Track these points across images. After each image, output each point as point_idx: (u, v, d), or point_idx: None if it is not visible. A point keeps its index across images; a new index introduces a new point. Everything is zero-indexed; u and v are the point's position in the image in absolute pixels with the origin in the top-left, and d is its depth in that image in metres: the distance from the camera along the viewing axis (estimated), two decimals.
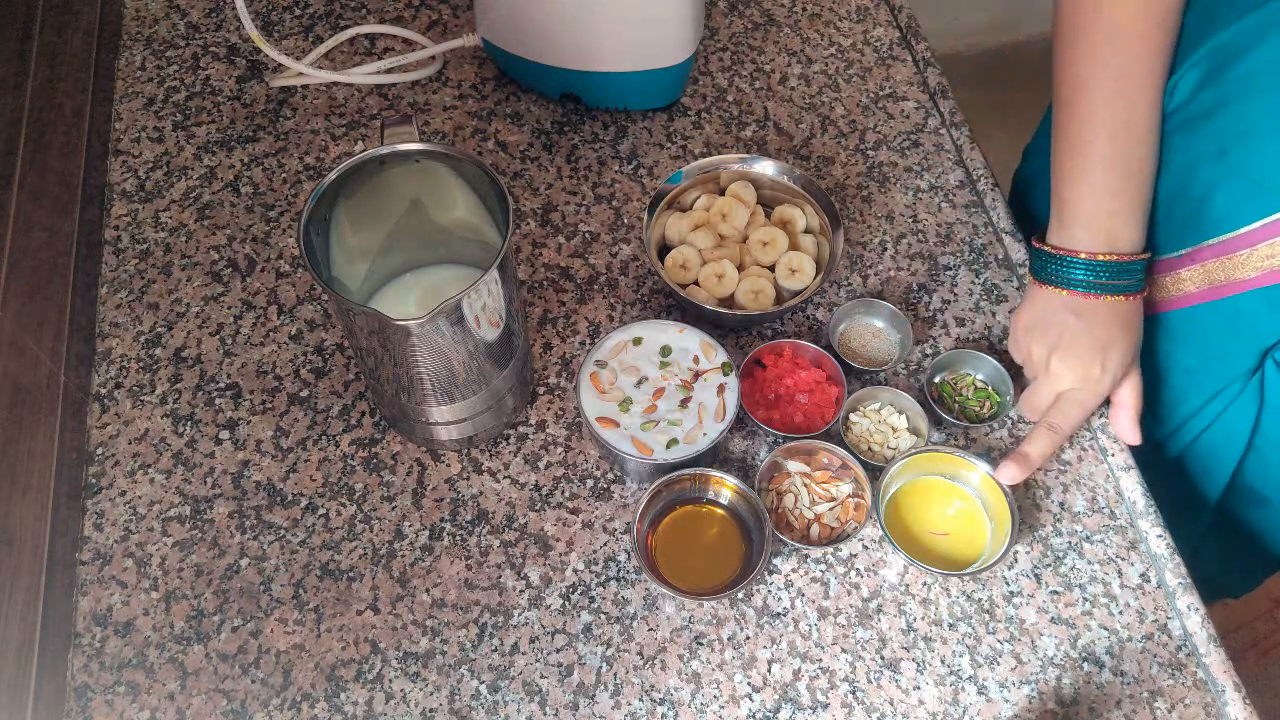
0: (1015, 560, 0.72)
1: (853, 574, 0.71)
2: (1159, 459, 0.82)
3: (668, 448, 0.70)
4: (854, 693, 0.67)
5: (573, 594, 0.70)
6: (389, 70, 0.93)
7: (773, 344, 0.76)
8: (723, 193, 0.83)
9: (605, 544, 0.72)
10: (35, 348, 0.76)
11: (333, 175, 0.62)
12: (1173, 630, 0.69)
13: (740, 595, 0.70)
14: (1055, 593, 0.70)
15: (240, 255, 0.84)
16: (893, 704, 0.66)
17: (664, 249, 0.82)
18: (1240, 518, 0.85)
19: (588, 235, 0.86)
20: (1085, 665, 0.68)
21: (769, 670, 0.67)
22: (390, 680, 0.67)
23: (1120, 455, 0.75)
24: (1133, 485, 0.74)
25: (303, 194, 0.88)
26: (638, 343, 0.74)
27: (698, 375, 0.73)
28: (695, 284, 0.79)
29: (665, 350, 0.74)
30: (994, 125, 1.42)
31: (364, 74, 0.93)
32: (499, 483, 0.74)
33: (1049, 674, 0.68)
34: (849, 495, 0.71)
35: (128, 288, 0.82)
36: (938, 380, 0.78)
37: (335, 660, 0.67)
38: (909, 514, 0.72)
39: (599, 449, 0.75)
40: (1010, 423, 0.77)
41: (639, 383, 0.73)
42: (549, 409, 0.77)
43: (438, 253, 0.74)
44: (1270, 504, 0.82)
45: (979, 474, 0.72)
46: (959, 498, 0.73)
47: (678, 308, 0.82)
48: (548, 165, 0.90)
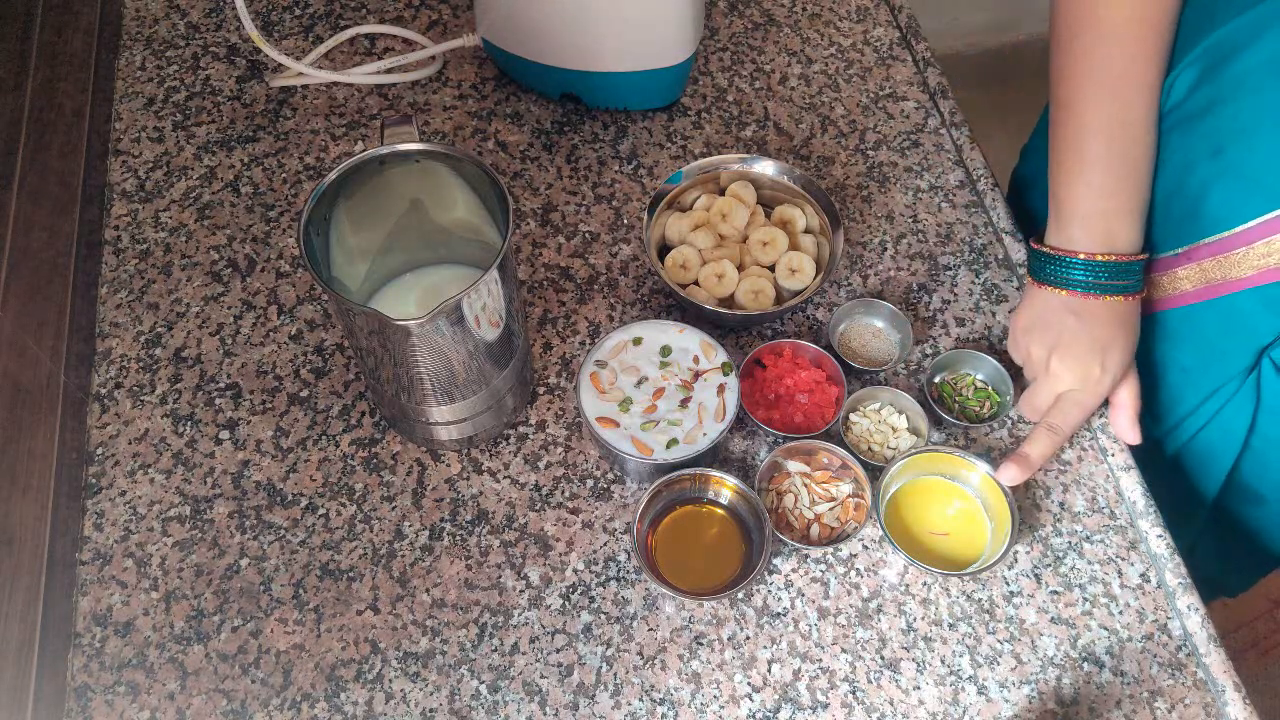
0: (1015, 560, 0.72)
1: (853, 574, 0.71)
2: (1156, 458, 0.82)
3: (668, 448, 0.70)
4: (854, 693, 0.67)
5: (573, 594, 0.70)
6: (389, 70, 0.93)
7: (773, 344, 0.76)
8: (723, 193, 0.83)
9: (605, 544, 0.72)
10: (35, 348, 0.76)
11: (333, 175, 0.62)
12: (1173, 630, 0.69)
13: (740, 595, 0.70)
14: (1055, 593, 0.70)
15: (240, 255, 0.84)
16: (893, 704, 0.66)
17: (664, 249, 0.82)
18: (1237, 516, 0.85)
19: (588, 235, 0.86)
20: (1085, 665, 0.68)
21: (769, 670, 0.67)
22: (390, 680, 0.67)
23: (1120, 455, 0.75)
24: (1133, 485, 0.74)
25: (303, 194, 0.88)
26: (638, 343, 0.74)
27: (698, 375, 0.73)
28: (695, 284, 0.79)
29: (665, 350, 0.74)
30: (994, 125, 1.42)
31: (364, 74, 0.93)
32: (499, 483, 0.74)
33: (1049, 674, 0.68)
34: (849, 495, 0.71)
35: (128, 288, 0.82)
36: (938, 380, 0.78)
37: (335, 660, 0.67)
38: (909, 514, 0.72)
39: (599, 449, 0.75)
40: (1010, 423, 0.77)
41: (639, 383, 0.73)
42: (549, 409, 0.77)
43: (438, 253, 0.74)
44: (1267, 502, 0.82)
45: (979, 474, 0.72)
46: (959, 498, 0.73)
47: (678, 308, 0.82)
48: (548, 165, 0.90)
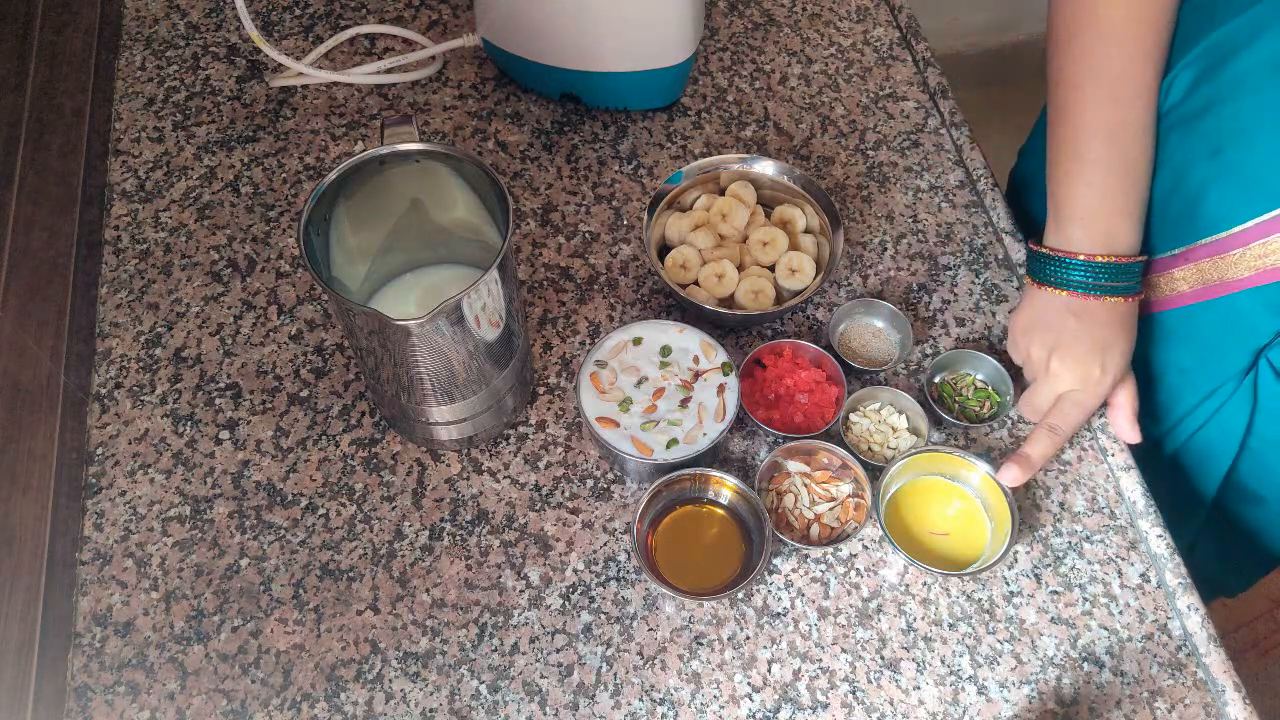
0: (1015, 560, 0.72)
1: (853, 574, 0.71)
2: (1154, 457, 0.82)
3: (668, 448, 0.70)
4: (854, 693, 0.67)
5: (573, 594, 0.70)
6: (389, 70, 0.93)
7: (773, 344, 0.76)
8: (723, 193, 0.83)
9: (605, 544, 0.72)
10: (35, 348, 0.76)
11: (333, 175, 0.62)
12: (1173, 630, 0.69)
13: (740, 595, 0.70)
14: (1055, 593, 0.70)
15: (240, 255, 0.84)
16: (893, 704, 0.66)
17: (664, 249, 0.82)
18: (1235, 516, 0.85)
19: (588, 235, 0.86)
20: (1085, 665, 0.68)
21: (769, 670, 0.67)
22: (390, 680, 0.67)
23: (1120, 455, 0.75)
24: (1133, 485, 0.74)
25: (303, 194, 0.88)
26: (638, 343, 0.74)
27: (698, 375, 0.73)
28: (695, 284, 0.79)
29: (665, 350, 0.74)
30: (994, 125, 1.42)
31: (364, 74, 0.93)
32: (499, 483, 0.74)
33: (1049, 674, 0.68)
34: (849, 495, 0.71)
35: (128, 288, 0.82)
36: (938, 380, 0.78)
37: (335, 660, 0.67)
38: (909, 514, 0.72)
39: (599, 449, 0.75)
40: (1010, 423, 0.77)
41: (639, 383, 0.73)
42: (549, 409, 0.77)
43: (438, 253, 0.74)
44: (1265, 502, 0.82)
45: (979, 474, 0.72)
46: (959, 498, 0.73)
47: (678, 308, 0.82)
48: (548, 165, 0.90)
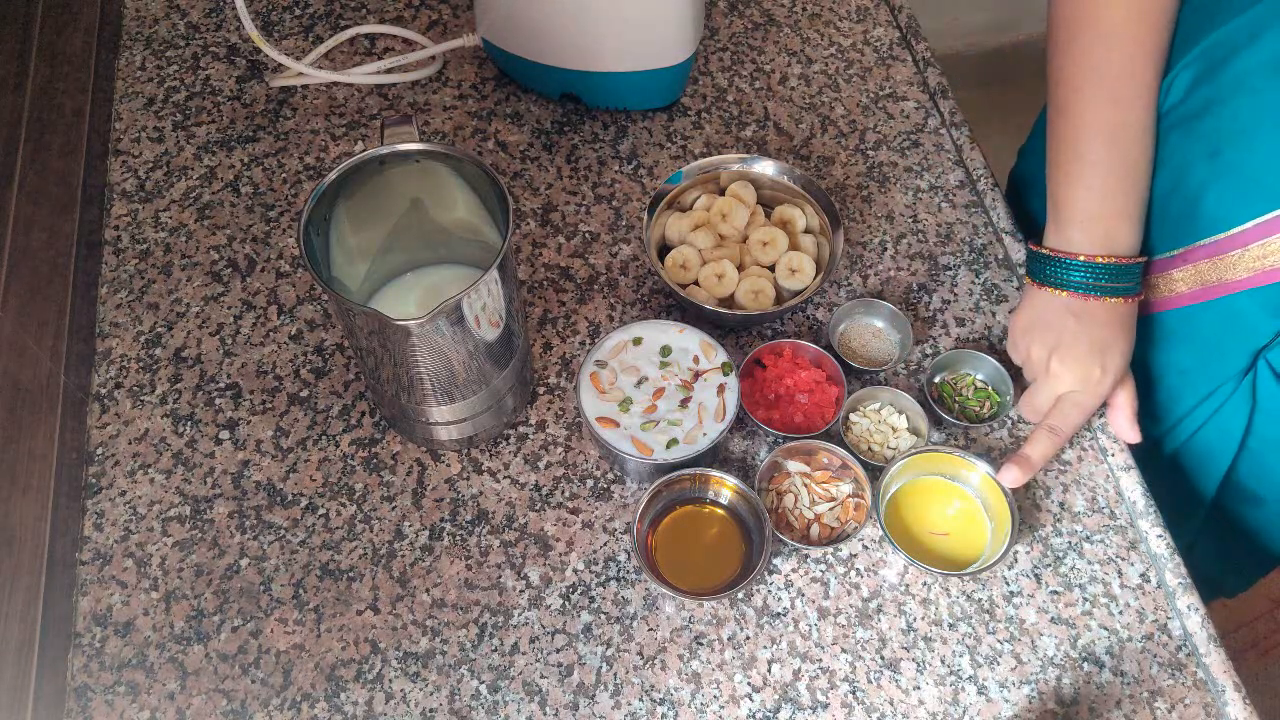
0: (1015, 560, 0.72)
1: (853, 574, 0.71)
2: (1153, 458, 0.82)
3: (668, 448, 0.70)
4: (854, 693, 0.67)
5: (573, 594, 0.70)
6: (389, 70, 0.93)
7: (773, 344, 0.76)
8: (723, 193, 0.83)
9: (605, 544, 0.72)
10: (35, 348, 0.76)
11: (333, 175, 0.62)
12: (1173, 630, 0.69)
13: (740, 595, 0.70)
14: (1055, 593, 0.70)
15: (240, 255, 0.84)
16: (893, 704, 0.66)
17: (664, 249, 0.82)
18: (1234, 516, 0.85)
19: (588, 235, 0.86)
20: (1085, 665, 0.68)
21: (769, 670, 0.67)
22: (390, 680, 0.67)
23: (1120, 455, 0.75)
24: (1133, 485, 0.74)
25: (303, 194, 0.88)
26: (638, 343, 0.74)
27: (698, 375, 0.73)
28: (695, 284, 0.79)
29: (665, 350, 0.74)
30: (994, 125, 1.42)
31: (364, 74, 0.93)
32: (499, 483, 0.74)
33: (1049, 674, 0.68)
34: (849, 495, 0.71)
35: (128, 288, 0.82)
36: (938, 380, 0.78)
37: (335, 660, 0.67)
38: (909, 514, 0.72)
39: (599, 449, 0.75)
40: (1010, 423, 0.77)
41: (639, 383, 0.73)
42: (549, 409, 0.77)
43: (438, 253, 0.74)
44: (1264, 503, 0.82)
45: (979, 474, 0.72)
46: (959, 498, 0.73)
47: (678, 308, 0.82)
48: (548, 165, 0.90)
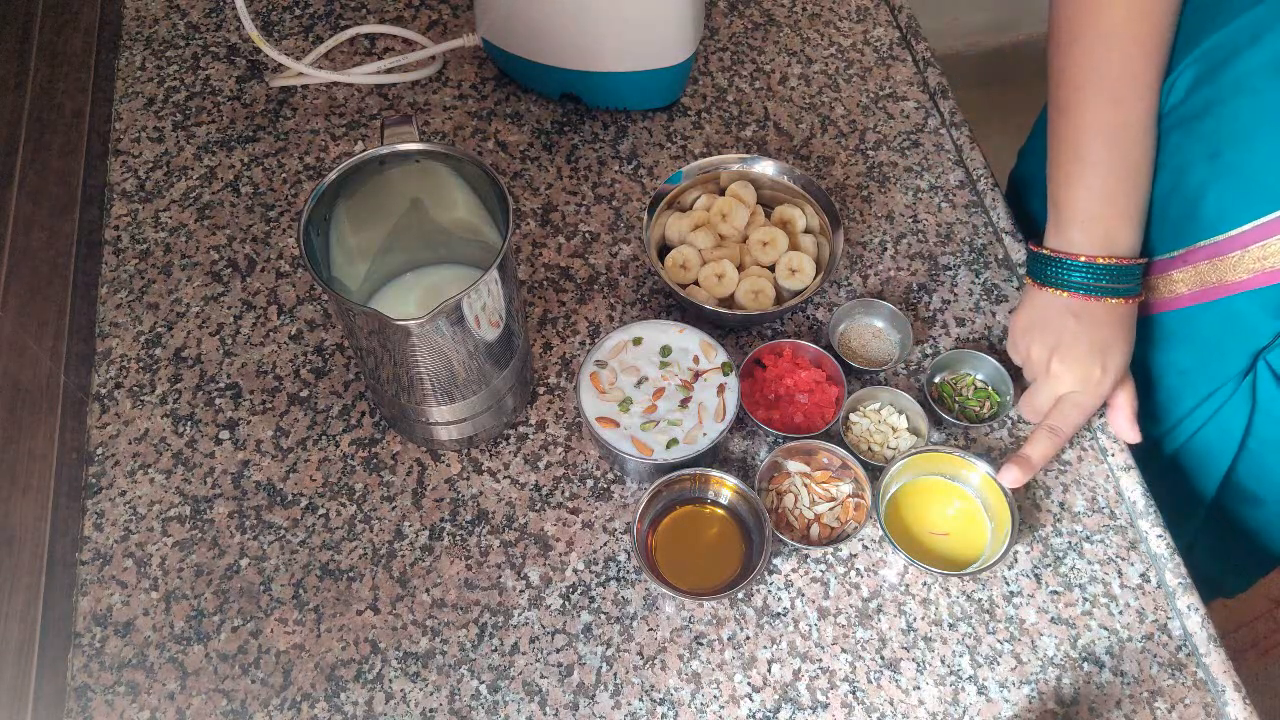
0: (1015, 560, 0.72)
1: (853, 574, 0.71)
2: (1153, 458, 0.83)
3: (668, 448, 0.70)
4: (854, 693, 0.67)
5: (573, 594, 0.70)
6: (389, 70, 0.93)
7: (773, 344, 0.76)
8: (723, 193, 0.83)
9: (605, 544, 0.72)
10: (35, 348, 0.76)
11: (333, 175, 0.62)
12: (1173, 630, 0.69)
13: (740, 595, 0.70)
14: (1055, 593, 0.70)
15: (240, 255, 0.84)
16: (893, 704, 0.66)
17: (664, 249, 0.82)
18: (1234, 517, 0.85)
19: (588, 235, 0.86)
20: (1085, 665, 0.68)
21: (769, 670, 0.67)
22: (390, 680, 0.67)
23: (1120, 455, 0.75)
24: (1133, 485, 0.74)
25: (303, 194, 0.88)
26: (638, 343, 0.74)
27: (698, 375, 0.73)
28: (695, 284, 0.79)
29: (665, 350, 0.74)
30: (994, 125, 1.42)
31: (364, 74, 0.93)
32: (499, 483, 0.74)
33: (1049, 674, 0.68)
34: (849, 495, 0.71)
35: (128, 288, 0.82)
36: (938, 380, 0.78)
37: (335, 660, 0.67)
38: (909, 514, 0.72)
39: (599, 449, 0.75)
40: (1010, 423, 0.77)
41: (639, 383, 0.73)
42: (549, 409, 0.77)
43: (438, 253, 0.74)
44: (1264, 504, 0.82)
45: (979, 474, 0.71)
46: (959, 498, 0.73)
47: (678, 308, 0.82)
48: (548, 165, 0.90)
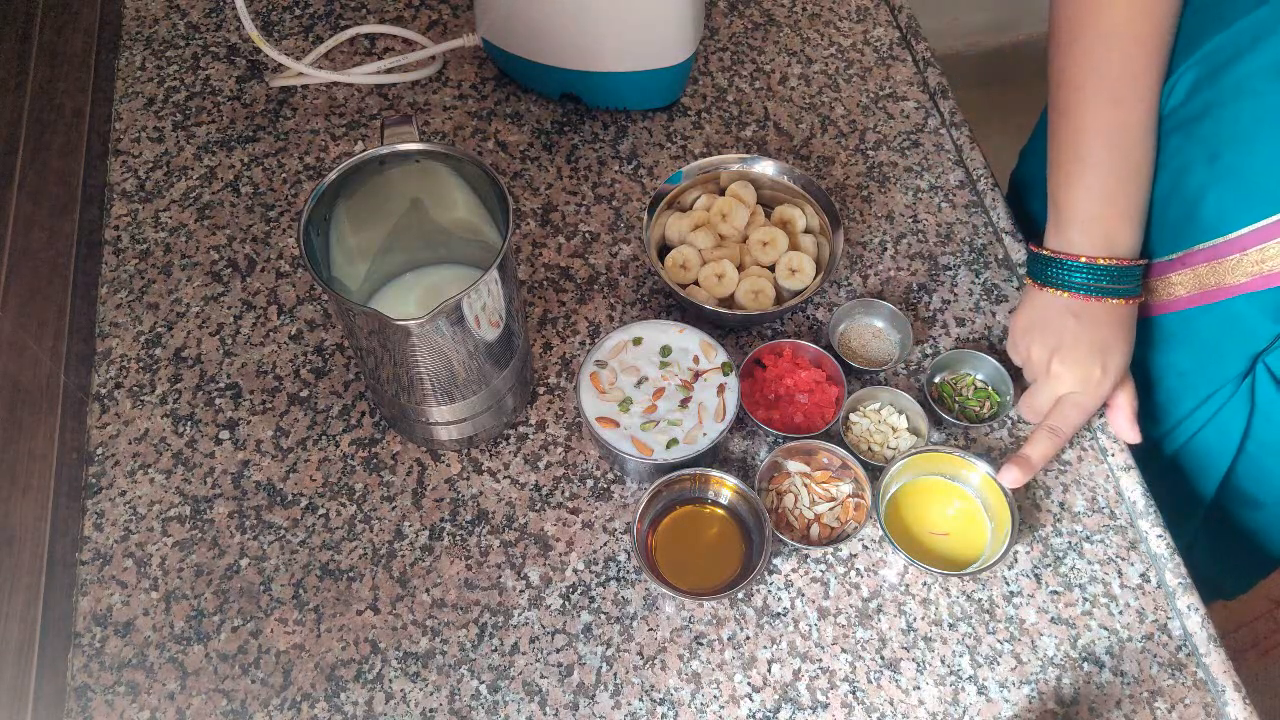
0: (1015, 560, 0.72)
1: (853, 574, 0.71)
2: (1152, 460, 0.83)
3: (668, 448, 0.70)
4: (854, 693, 0.67)
5: (573, 594, 0.70)
6: (389, 70, 0.93)
7: (773, 344, 0.76)
8: (723, 193, 0.83)
9: (605, 544, 0.72)
10: (35, 348, 0.76)
11: (333, 175, 0.62)
12: (1173, 630, 0.69)
13: (740, 595, 0.70)
14: (1055, 593, 0.70)
15: (240, 255, 0.84)
16: (893, 704, 0.66)
17: (664, 249, 0.82)
18: (1233, 519, 0.85)
19: (588, 235, 0.86)
20: (1085, 665, 0.68)
21: (769, 670, 0.67)
22: (390, 680, 0.67)
23: (1120, 455, 0.75)
24: (1133, 485, 0.74)
25: (303, 194, 0.88)
26: (638, 343, 0.74)
27: (698, 375, 0.73)
28: (695, 284, 0.79)
29: (665, 350, 0.74)
30: (994, 125, 1.42)
31: (364, 74, 0.93)
32: (499, 483, 0.74)
33: (1049, 674, 0.68)
34: (849, 495, 0.71)
35: (128, 288, 0.82)
36: (938, 380, 0.78)
37: (335, 660, 0.67)
38: (909, 514, 0.72)
39: (599, 449, 0.75)
40: (1010, 423, 0.77)
41: (639, 383, 0.73)
42: (549, 409, 0.77)
43: (438, 253, 0.74)
44: (1263, 506, 0.82)
45: (979, 474, 0.71)
46: (959, 498, 0.73)
47: (678, 308, 0.82)
48: (548, 165, 0.90)
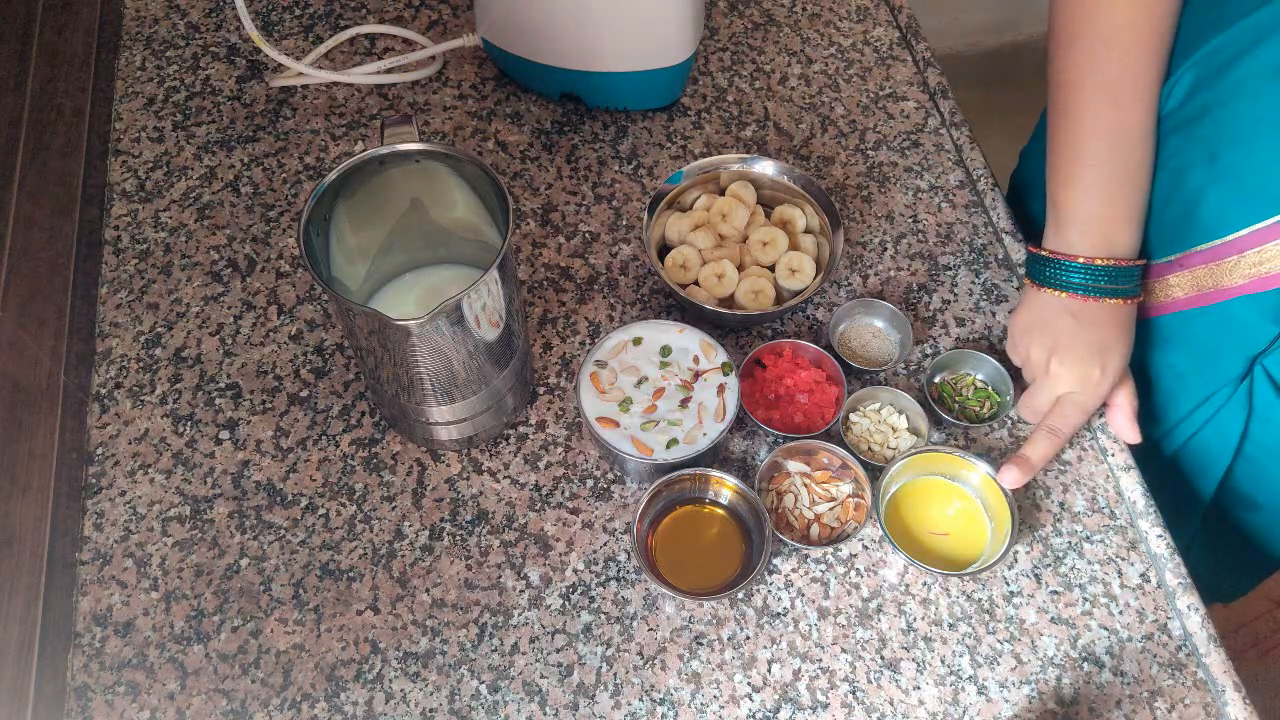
0: (1015, 560, 0.72)
1: (853, 574, 0.71)
2: (1151, 461, 0.82)
3: (668, 448, 0.70)
4: (854, 693, 0.67)
5: (573, 594, 0.70)
6: (389, 70, 0.93)
7: (773, 344, 0.76)
8: (723, 193, 0.83)
9: (605, 544, 0.72)
10: (35, 348, 0.76)
11: (333, 175, 0.62)
12: (1173, 630, 0.69)
13: (740, 595, 0.70)
14: (1055, 593, 0.70)
15: (240, 255, 0.84)
16: (893, 704, 0.66)
17: (664, 249, 0.82)
18: (1231, 521, 0.85)
19: (588, 235, 0.86)
20: (1085, 665, 0.68)
21: (769, 670, 0.67)
22: (390, 680, 0.67)
23: (1120, 455, 0.75)
24: (1133, 485, 0.74)
25: (303, 194, 0.88)
26: (638, 343, 0.74)
27: (698, 375, 0.73)
28: (695, 284, 0.79)
29: (665, 350, 0.74)
30: (994, 125, 1.42)
31: (364, 74, 0.93)
32: (499, 483, 0.74)
33: (1049, 674, 0.68)
34: (849, 495, 0.71)
35: (128, 288, 0.82)
36: (938, 380, 0.78)
37: (335, 660, 0.67)
38: (909, 514, 0.72)
39: (599, 449, 0.75)
40: (1010, 423, 0.77)
41: (639, 383, 0.73)
42: (549, 409, 0.77)
43: (438, 253, 0.74)
44: (1261, 508, 0.82)
45: (979, 474, 0.72)
46: (959, 498, 0.73)
47: (678, 308, 0.82)
48: (548, 165, 0.90)
